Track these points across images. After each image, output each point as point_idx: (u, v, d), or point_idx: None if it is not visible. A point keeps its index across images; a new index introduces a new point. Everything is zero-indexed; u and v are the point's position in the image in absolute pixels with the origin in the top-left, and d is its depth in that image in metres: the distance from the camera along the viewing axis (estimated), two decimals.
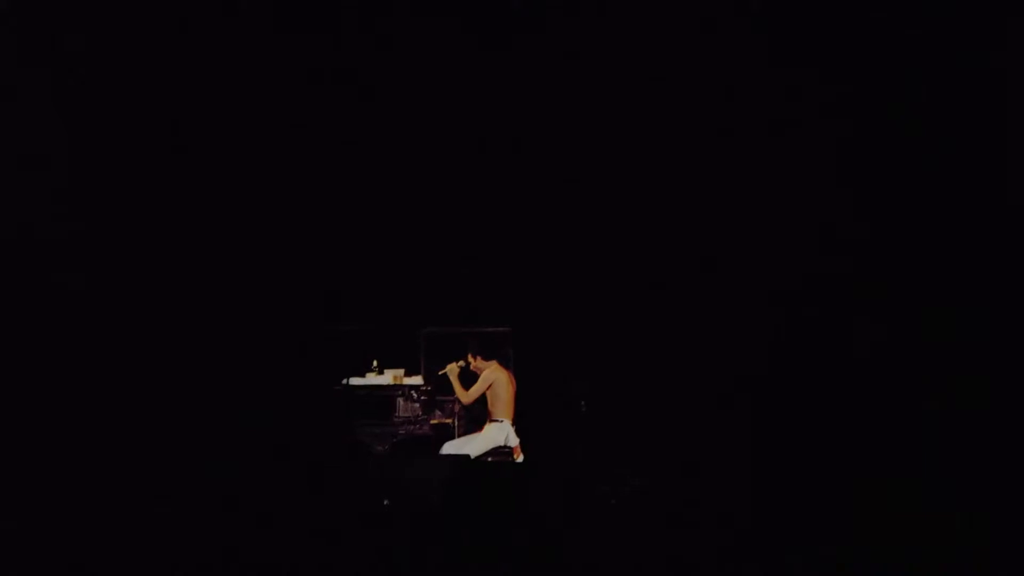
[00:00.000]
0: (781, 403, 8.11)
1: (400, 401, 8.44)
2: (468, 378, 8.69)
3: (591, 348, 8.98)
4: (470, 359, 8.59)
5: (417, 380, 8.65)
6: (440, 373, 8.73)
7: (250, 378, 8.12)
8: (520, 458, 8.51)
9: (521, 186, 8.98)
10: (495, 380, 8.53)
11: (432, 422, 8.61)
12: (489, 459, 8.42)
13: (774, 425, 8.14)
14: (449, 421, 8.77)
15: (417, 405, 8.49)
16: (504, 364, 8.85)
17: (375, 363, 8.67)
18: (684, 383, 8.79)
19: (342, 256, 9.01)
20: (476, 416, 8.86)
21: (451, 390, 8.68)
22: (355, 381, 8.47)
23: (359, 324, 8.44)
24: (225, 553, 6.34)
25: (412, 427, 8.43)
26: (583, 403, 8.48)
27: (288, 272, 8.63)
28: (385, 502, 7.72)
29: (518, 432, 8.56)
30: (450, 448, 8.43)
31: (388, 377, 8.56)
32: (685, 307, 8.75)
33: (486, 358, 8.66)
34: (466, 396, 8.52)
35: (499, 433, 8.53)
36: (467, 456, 8.17)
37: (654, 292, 8.89)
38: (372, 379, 8.57)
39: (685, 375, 8.77)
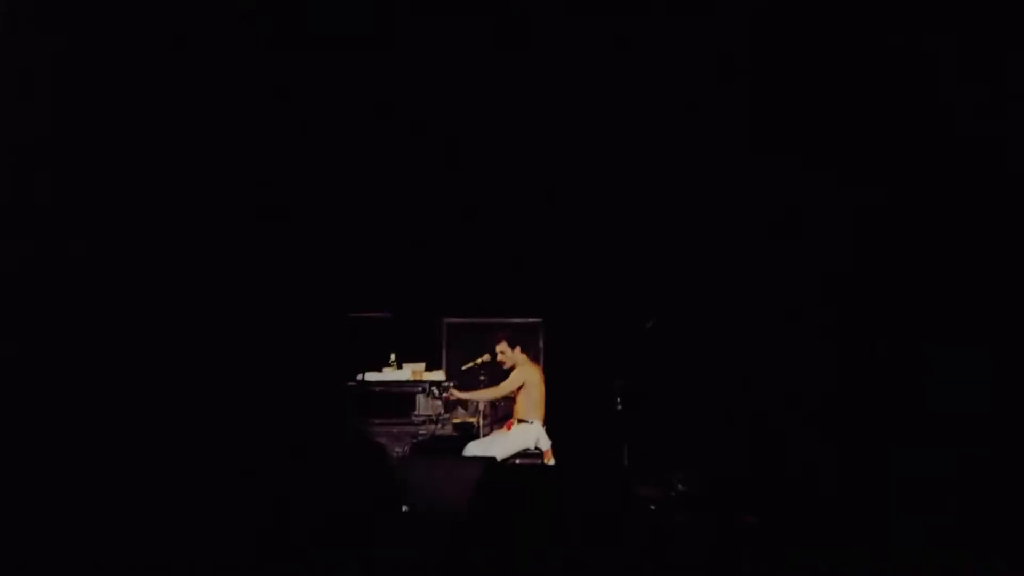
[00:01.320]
0: (842, 400, 8.17)
1: (420, 398, 8.43)
2: (494, 375, 8.80)
3: (630, 340, 8.96)
4: (498, 351, 8.62)
5: (438, 375, 8.64)
6: (464, 368, 8.85)
7: (252, 373, 7.92)
8: (551, 462, 8.54)
9: (548, 168, 9.12)
10: (527, 379, 8.55)
11: (455, 421, 8.67)
12: (517, 462, 8.45)
13: (833, 426, 8.19)
14: (473, 420, 8.93)
15: (439, 402, 8.48)
16: (533, 359, 8.99)
17: (392, 356, 8.65)
18: (735, 378, 8.85)
19: (357, 239, 9.14)
20: (503, 414, 9.07)
21: (476, 384, 8.83)
22: (371, 376, 8.44)
23: (374, 312, 8.57)
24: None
25: (433, 427, 8.40)
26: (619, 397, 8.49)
27: (298, 257, 8.64)
28: (404, 508, 7.64)
29: (549, 433, 8.61)
30: (475, 449, 8.43)
31: (407, 372, 8.55)
32: (737, 293, 8.86)
33: (522, 350, 8.69)
34: (491, 393, 8.57)
35: (529, 435, 8.56)
36: (493, 458, 8.10)
37: (699, 276, 9.02)
38: (389, 374, 8.56)
39: (736, 370, 8.83)
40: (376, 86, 8.29)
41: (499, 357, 8.61)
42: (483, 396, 8.68)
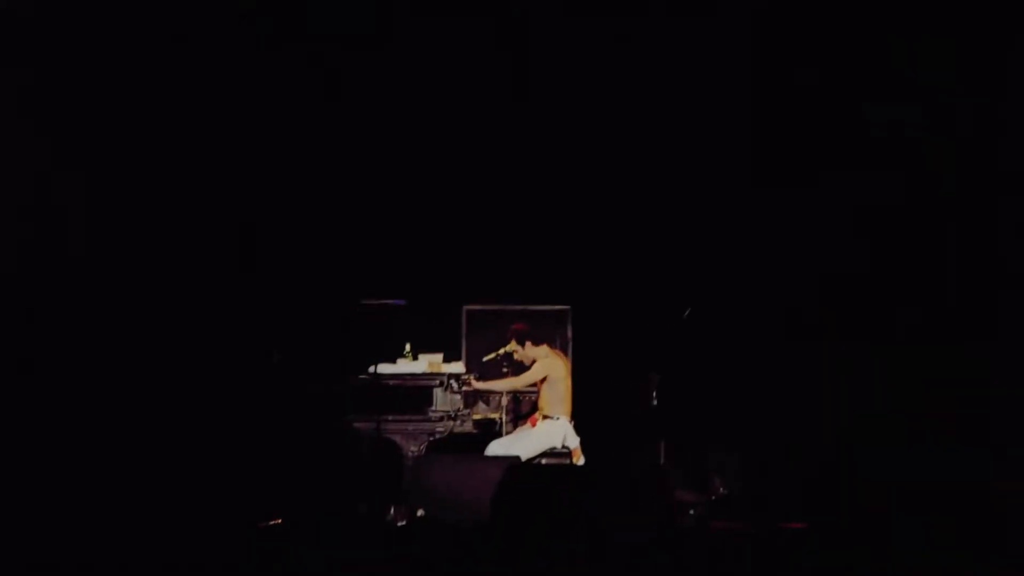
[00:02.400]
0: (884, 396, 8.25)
1: (437, 392, 8.34)
2: (519, 368, 8.74)
3: (666, 330, 8.98)
4: (513, 345, 8.61)
5: (458, 367, 8.54)
6: (486, 360, 8.81)
7: (248, 367, 8.40)
8: (580, 461, 8.48)
9: (574, 149, 9.25)
10: (550, 371, 8.50)
11: (475, 417, 8.56)
12: (543, 462, 8.43)
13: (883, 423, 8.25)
14: (495, 416, 8.83)
15: (458, 397, 8.38)
16: (560, 349, 8.98)
17: (407, 347, 8.58)
18: (781, 374, 8.82)
19: (369, 221, 9.32)
20: (527, 410, 9.03)
21: (499, 378, 8.77)
22: (384, 369, 8.35)
23: (387, 299, 8.41)
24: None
25: (452, 423, 8.32)
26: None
27: (304, 241, 9.04)
28: (419, 513, 7.73)
29: (577, 430, 8.57)
30: (497, 448, 8.42)
31: (423, 364, 8.47)
32: (781, 277, 8.90)
33: (535, 343, 8.64)
34: (512, 383, 8.55)
35: (555, 432, 8.52)
36: (517, 458, 8.10)
37: (742, 259, 9.08)
38: (404, 366, 8.48)
39: (783, 364, 8.82)
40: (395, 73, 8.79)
41: (515, 356, 8.64)
42: (504, 386, 8.66)
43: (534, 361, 8.61)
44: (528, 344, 8.60)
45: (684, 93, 8.82)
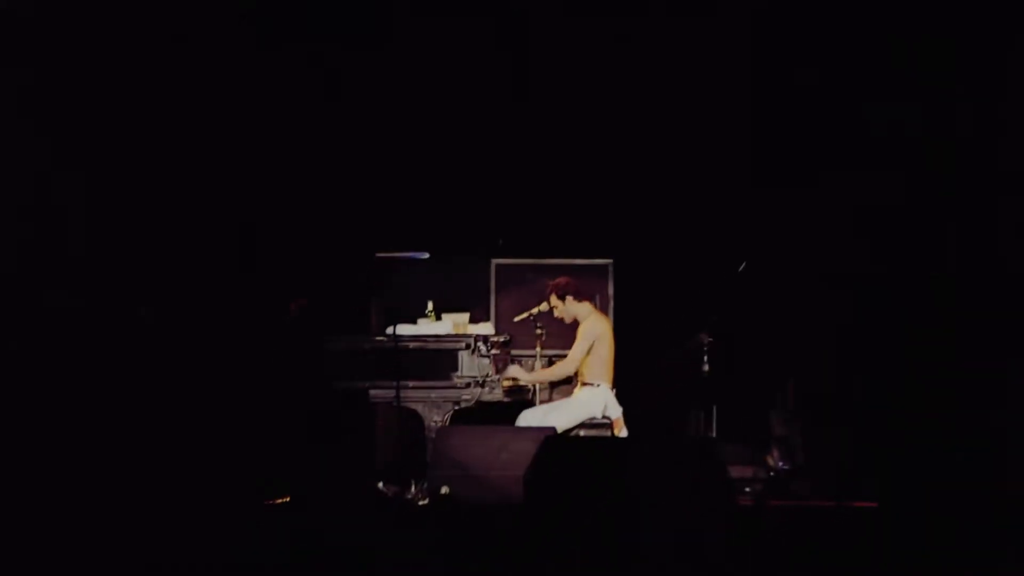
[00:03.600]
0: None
1: (463, 356, 8.36)
2: (556, 328, 8.77)
3: (718, 286, 8.98)
4: (553, 300, 8.54)
5: (486, 328, 8.61)
6: (517, 320, 8.79)
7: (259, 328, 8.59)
8: (623, 432, 8.44)
9: (611, 81, 9.37)
10: (597, 334, 8.47)
11: (505, 384, 8.47)
12: (582, 433, 8.41)
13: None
14: (528, 384, 8.74)
15: (487, 361, 8.38)
16: (601, 309, 8.94)
17: (430, 306, 8.60)
18: (846, 336, 8.82)
19: (386, 165, 9.40)
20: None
21: (531, 344, 8.75)
22: (403, 330, 8.35)
23: (407, 252, 8.47)
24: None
25: (479, 391, 8.35)
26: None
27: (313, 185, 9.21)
28: (444, 490, 7.73)
29: (619, 399, 8.53)
30: (530, 419, 8.40)
31: (447, 324, 8.52)
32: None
33: (578, 298, 8.56)
34: (561, 370, 8.53)
35: (596, 400, 8.46)
36: (553, 429, 8.07)
37: (802, 204, 9.14)
38: (426, 327, 8.53)
39: (847, 325, 8.82)
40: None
41: (555, 313, 8.62)
42: (549, 376, 8.66)
43: (575, 320, 8.56)
44: (570, 299, 8.54)
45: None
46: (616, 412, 8.44)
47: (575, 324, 8.58)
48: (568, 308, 8.54)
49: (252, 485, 7.95)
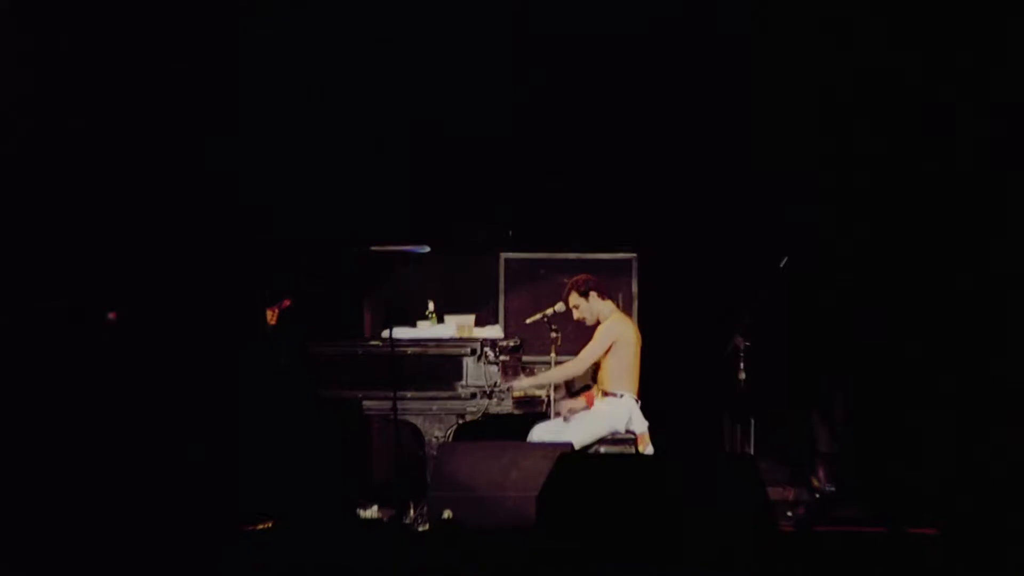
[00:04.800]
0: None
1: (468, 363, 8.27)
2: (572, 332, 8.83)
3: (756, 284, 8.80)
4: (574, 299, 8.51)
5: (494, 331, 8.58)
6: (529, 322, 8.74)
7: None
8: (649, 449, 8.41)
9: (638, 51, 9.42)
10: (619, 336, 8.43)
11: (516, 395, 8.43)
12: (602, 450, 8.38)
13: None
14: (542, 393, 8.73)
15: (495, 369, 8.32)
16: (624, 309, 8.94)
17: (431, 306, 8.56)
18: (901, 338, 8.87)
19: (380, 146, 9.47)
20: (581, 384, 8.95)
21: (544, 349, 8.77)
22: (401, 333, 8.30)
23: (403, 245, 8.41)
24: None
25: (487, 402, 8.28)
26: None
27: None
28: (446, 514, 7.63)
29: (644, 411, 8.48)
30: (544, 433, 8.38)
31: (450, 327, 8.49)
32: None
33: (602, 295, 8.56)
34: (571, 369, 8.51)
35: (618, 412, 8.40)
36: (570, 445, 8.00)
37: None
38: (426, 330, 8.49)
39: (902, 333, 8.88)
40: None
41: (575, 314, 8.57)
42: (558, 376, 8.64)
43: (597, 322, 8.51)
44: (594, 296, 8.51)
45: None
46: (641, 426, 8.38)
47: (595, 327, 8.57)
48: (592, 306, 8.49)
49: (230, 508, 7.95)
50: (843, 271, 9.13)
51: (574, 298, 8.48)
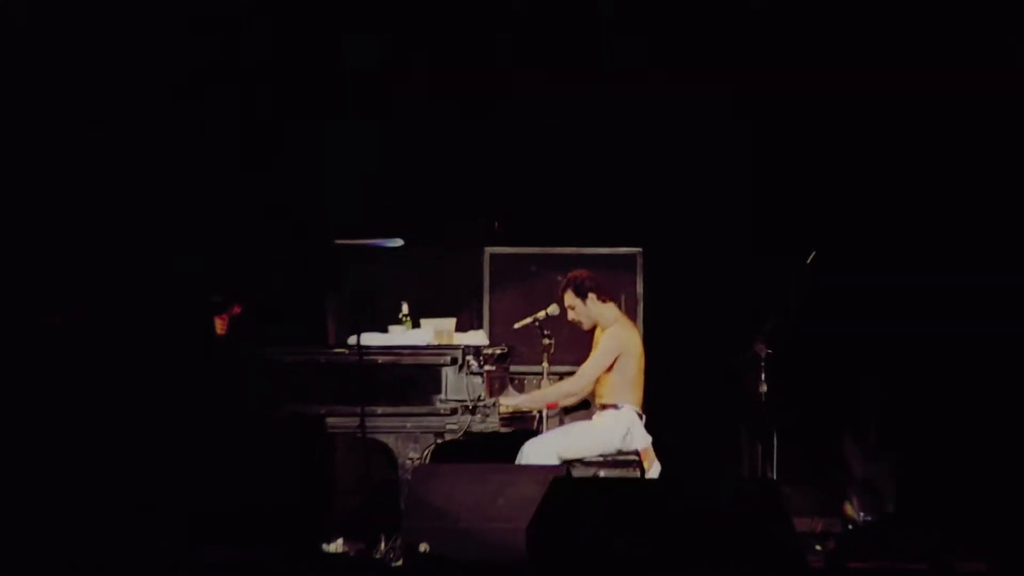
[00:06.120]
0: None
1: (448, 374, 8.19)
2: (566, 337, 8.80)
3: (778, 284, 8.84)
4: (569, 299, 8.47)
5: (478, 337, 8.56)
6: (518, 327, 8.72)
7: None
8: (654, 466, 8.40)
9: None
10: (625, 346, 8.42)
11: (503, 410, 8.35)
12: (601, 472, 8.37)
13: None
14: (533, 409, 8.71)
15: (478, 380, 8.24)
16: (628, 312, 9.06)
17: (405, 309, 8.57)
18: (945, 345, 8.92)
19: (348, 127, 9.48)
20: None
21: (535, 358, 8.74)
22: (371, 340, 8.28)
23: (374, 239, 8.37)
24: None
25: (468, 418, 8.19)
26: None
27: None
28: (422, 547, 7.54)
29: (649, 427, 8.48)
30: (535, 452, 8.33)
31: (427, 332, 8.45)
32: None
33: (602, 297, 8.52)
34: (571, 386, 8.51)
35: (618, 427, 8.38)
36: (565, 466, 8.04)
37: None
38: (400, 336, 8.48)
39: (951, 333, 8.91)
40: None
41: (569, 315, 8.53)
42: (555, 395, 8.65)
43: (595, 327, 8.48)
44: (592, 298, 8.46)
45: None
46: (644, 443, 8.35)
47: (592, 332, 8.56)
48: (590, 310, 8.44)
49: (173, 539, 7.90)
50: (880, 262, 9.18)
51: (570, 297, 8.43)
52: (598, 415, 8.43)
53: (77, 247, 8.68)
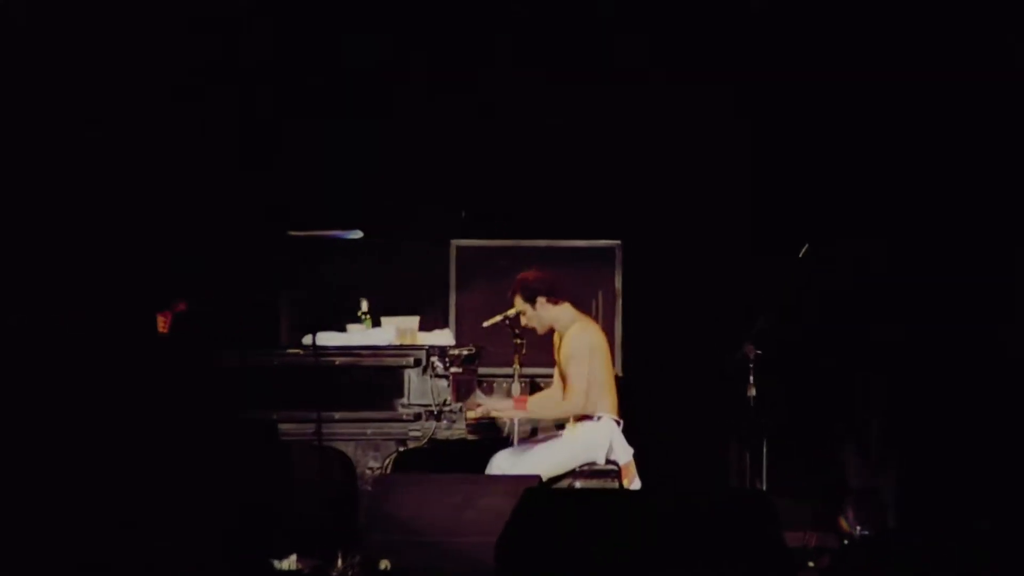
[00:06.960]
0: None
1: (411, 376, 8.13)
2: (536, 337, 8.71)
3: (768, 279, 8.87)
4: (518, 304, 8.49)
5: (443, 337, 8.50)
6: (487, 325, 8.71)
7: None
8: (635, 483, 8.37)
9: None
10: (593, 344, 8.41)
11: (470, 416, 8.28)
12: (578, 484, 8.35)
13: None
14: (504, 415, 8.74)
15: (444, 384, 8.16)
16: (608, 306, 9.26)
17: (364, 306, 8.49)
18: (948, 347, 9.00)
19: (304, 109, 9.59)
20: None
21: (505, 359, 8.74)
22: (327, 339, 8.21)
23: (331, 231, 8.35)
24: None
25: (434, 424, 8.11)
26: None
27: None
28: (383, 564, 7.48)
29: (628, 433, 8.44)
30: (506, 463, 8.33)
31: (389, 331, 8.38)
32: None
33: (553, 299, 8.48)
34: (566, 407, 8.44)
35: (597, 438, 8.35)
36: (538, 479, 7.90)
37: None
38: (359, 335, 8.43)
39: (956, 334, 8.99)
40: None
41: (522, 320, 8.52)
42: (552, 414, 8.72)
43: (550, 329, 8.46)
44: (541, 302, 8.42)
45: None
46: (626, 455, 8.31)
47: (550, 335, 8.60)
48: (540, 315, 8.46)
49: (117, 557, 7.79)
50: (879, 257, 9.27)
51: (519, 302, 8.48)
52: (572, 427, 8.39)
53: (76, 247, 8.72)
